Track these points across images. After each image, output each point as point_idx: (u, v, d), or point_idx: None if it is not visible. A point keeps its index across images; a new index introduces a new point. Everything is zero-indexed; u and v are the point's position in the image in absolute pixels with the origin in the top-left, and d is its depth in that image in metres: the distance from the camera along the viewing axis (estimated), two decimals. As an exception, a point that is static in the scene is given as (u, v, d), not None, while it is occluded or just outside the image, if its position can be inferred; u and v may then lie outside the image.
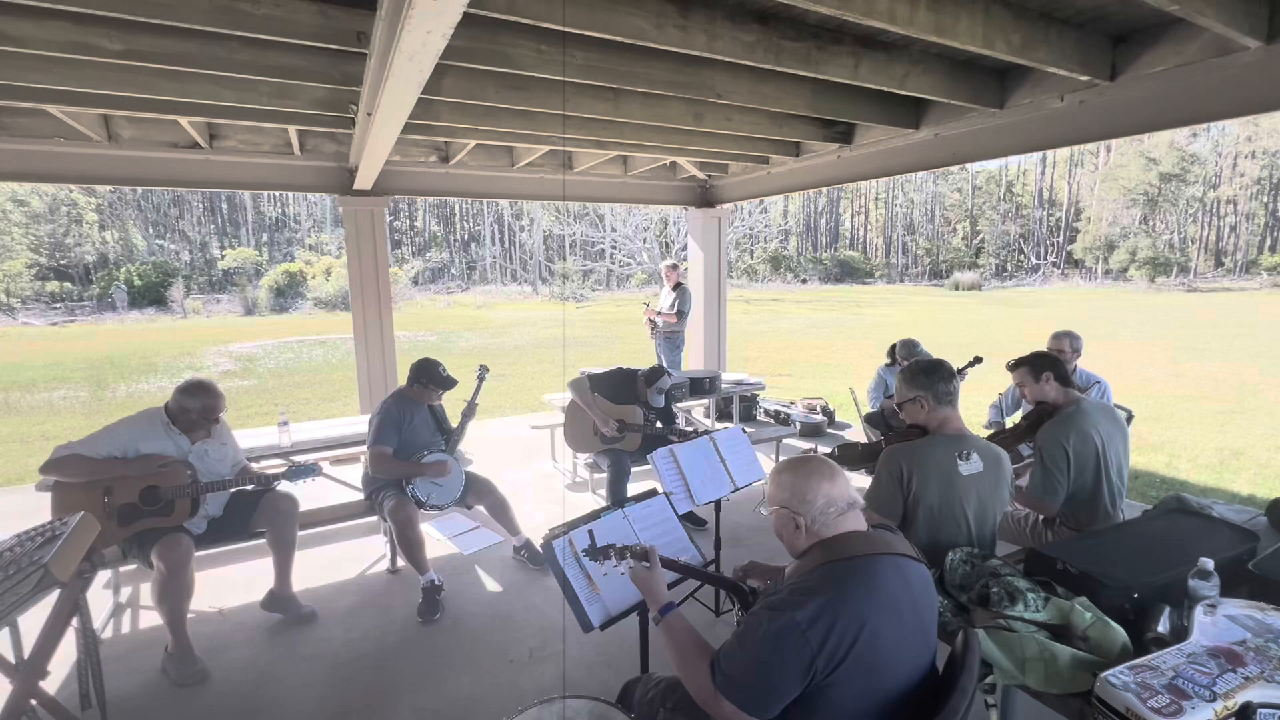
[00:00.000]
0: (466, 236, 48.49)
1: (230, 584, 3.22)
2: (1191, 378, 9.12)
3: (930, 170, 4.49)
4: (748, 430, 5.53)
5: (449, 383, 3.22)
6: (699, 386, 4.72)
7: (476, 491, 3.36)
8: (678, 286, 6.47)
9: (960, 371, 4.43)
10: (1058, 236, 43.97)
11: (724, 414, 6.43)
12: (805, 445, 5.66)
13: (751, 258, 42.81)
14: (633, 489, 4.32)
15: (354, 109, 3.30)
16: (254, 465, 3.13)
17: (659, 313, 6.49)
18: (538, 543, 3.35)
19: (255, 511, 2.85)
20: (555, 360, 11.69)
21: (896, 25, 2.31)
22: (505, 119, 3.79)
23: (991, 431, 2.95)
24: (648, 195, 6.45)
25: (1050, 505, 2.48)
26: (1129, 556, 1.73)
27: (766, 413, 6.76)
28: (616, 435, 3.73)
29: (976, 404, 7.12)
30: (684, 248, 29.58)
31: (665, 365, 6.58)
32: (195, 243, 33.83)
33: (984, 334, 14.87)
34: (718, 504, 2.68)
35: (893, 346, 4.60)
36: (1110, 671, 1.29)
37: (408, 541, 2.98)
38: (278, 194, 35.55)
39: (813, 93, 3.53)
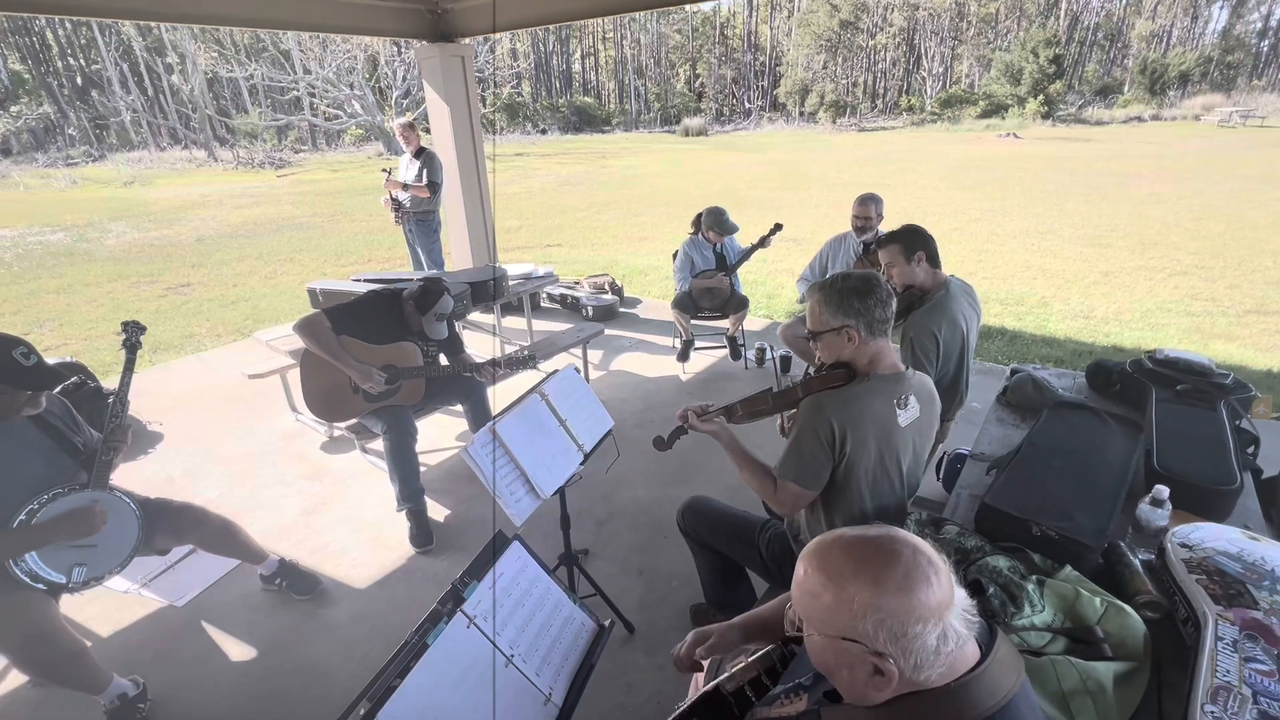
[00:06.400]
0: (80, 80, 34.41)
1: None
2: (905, 215, 10.63)
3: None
4: (536, 326, 4.77)
5: (36, 379, 1.72)
6: (481, 292, 3.70)
7: (171, 528, 2.09)
8: (421, 152, 5.01)
9: (763, 241, 4.18)
10: (763, 80, 47.81)
11: (511, 308, 5.53)
12: (627, 335, 5.06)
13: (485, 105, 38.64)
14: (437, 431, 3.35)
15: None
16: None
17: (405, 186, 5.02)
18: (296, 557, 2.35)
19: None
20: (267, 257, 9.04)
21: None
22: None
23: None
24: (347, 20, 4.60)
25: (913, 400, 2.31)
26: (1072, 491, 1.52)
27: (551, 298, 6.02)
28: (387, 389, 2.68)
29: (787, 272, 7.29)
30: (404, 95, 25.01)
31: (423, 257, 5.29)
32: None
33: (726, 182, 15.62)
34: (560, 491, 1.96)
35: (698, 217, 4.11)
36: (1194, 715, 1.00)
37: (49, 667, 1.75)
38: None
39: None
